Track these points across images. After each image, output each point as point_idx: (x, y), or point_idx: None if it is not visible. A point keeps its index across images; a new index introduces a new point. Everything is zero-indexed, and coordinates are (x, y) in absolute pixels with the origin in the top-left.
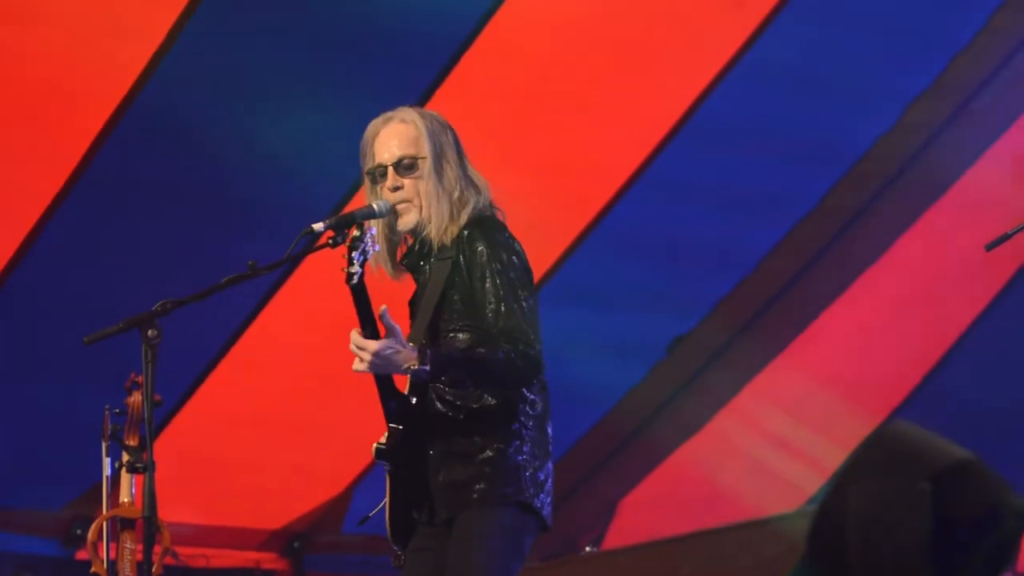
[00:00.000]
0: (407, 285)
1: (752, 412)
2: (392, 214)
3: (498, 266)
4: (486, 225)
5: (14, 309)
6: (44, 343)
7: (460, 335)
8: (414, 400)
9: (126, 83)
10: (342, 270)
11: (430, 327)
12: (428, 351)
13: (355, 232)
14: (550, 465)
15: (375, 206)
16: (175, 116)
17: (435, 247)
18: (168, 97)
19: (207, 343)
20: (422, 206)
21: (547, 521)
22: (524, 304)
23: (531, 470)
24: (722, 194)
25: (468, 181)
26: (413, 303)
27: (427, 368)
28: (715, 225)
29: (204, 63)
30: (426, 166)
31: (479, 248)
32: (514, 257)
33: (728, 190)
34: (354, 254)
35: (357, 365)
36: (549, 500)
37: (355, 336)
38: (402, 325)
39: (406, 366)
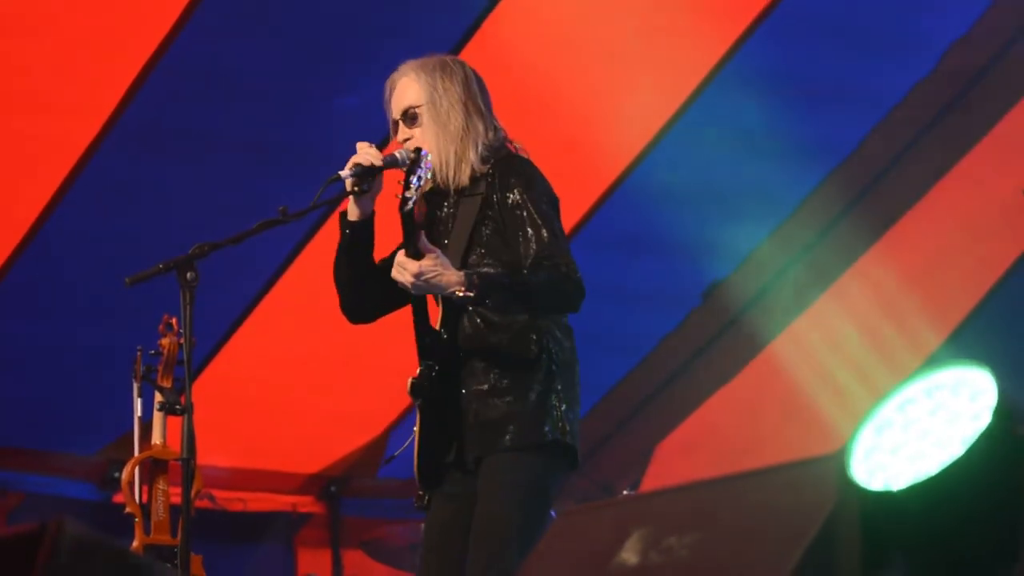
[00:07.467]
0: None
1: (789, 357)
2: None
3: (533, 195)
4: (513, 160)
5: (49, 253)
6: (79, 288)
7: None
8: (446, 336)
9: (161, 30)
10: (396, 196)
11: (460, 264)
12: (474, 275)
13: (412, 156)
14: (578, 405)
15: (398, 155)
16: (210, 63)
17: (451, 185)
18: (203, 44)
19: (244, 287)
20: (431, 152)
21: (578, 458)
22: (561, 232)
23: (564, 408)
24: (757, 142)
25: (481, 117)
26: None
27: (472, 293)
28: (751, 173)
29: (241, 10)
30: (425, 114)
31: (510, 180)
32: (545, 188)
33: (764, 139)
34: (412, 178)
35: (399, 280)
36: (578, 439)
37: (400, 256)
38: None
39: (451, 290)
